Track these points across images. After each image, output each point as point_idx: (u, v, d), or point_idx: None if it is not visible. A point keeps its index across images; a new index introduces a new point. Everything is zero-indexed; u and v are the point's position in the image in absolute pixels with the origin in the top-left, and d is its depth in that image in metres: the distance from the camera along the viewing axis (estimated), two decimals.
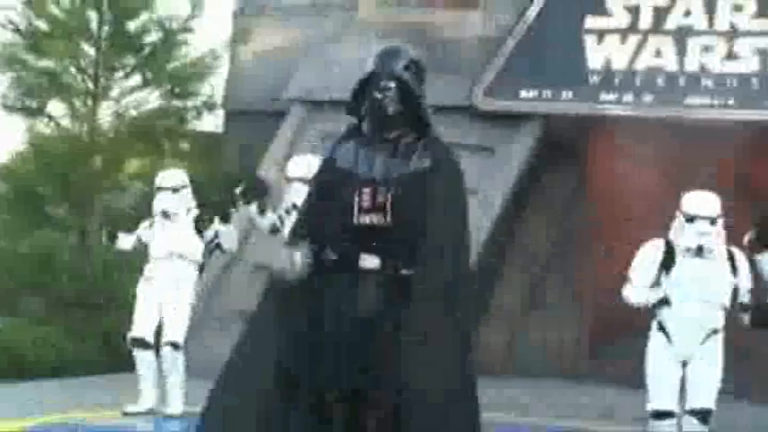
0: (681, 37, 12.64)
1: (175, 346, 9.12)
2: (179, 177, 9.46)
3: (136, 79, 15.66)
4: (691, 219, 6.96)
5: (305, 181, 8.26)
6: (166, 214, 9.24)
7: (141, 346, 9.18)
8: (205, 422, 4.27)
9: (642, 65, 12.71)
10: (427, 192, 4.16)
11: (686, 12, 12.67)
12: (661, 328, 7.06)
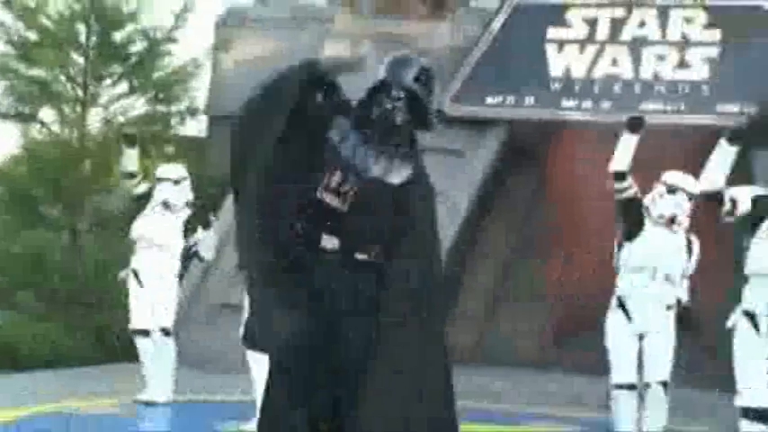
0: (636, 47, 12.71)
1: (166, 332, 9.19)
2: (180, 170, 9.56)
3: (123, 87, 15.57)
4: (672, 190, 7.10)
5: None
6: (167, 204, 9.33)
7: (142, 335, 9.28)
8: None
9: (600, 73, 12.77)
10: (410, 202, 4.14)
11: (641, 23, 12.78)
12: (620, 304, 7.16)
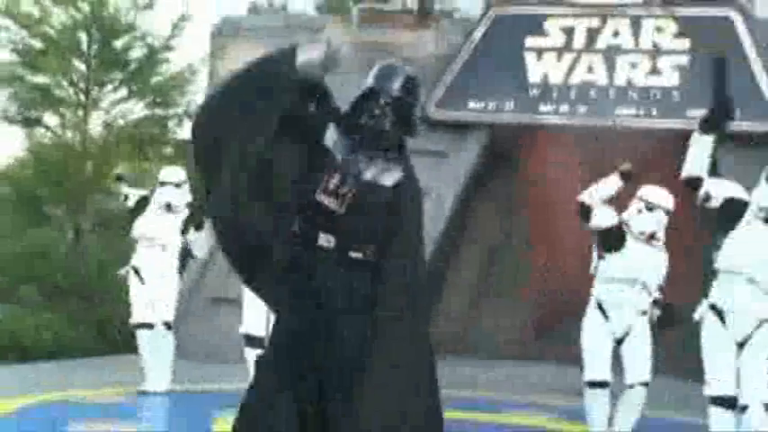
0: (610, 55, 12.72)
1: (167, 326, 9.23)
2: (181, 174, 9.53)
3: (122, 92, 15.59)
4: (651, 208, 7.05)
5: None
6: (169, 206, 9.32)
7: (144, 327, 9.26)
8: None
9: (576, 79, 12.78)
10: (401, 203, 4.12)
11: (615, 32, 12.78)
12: (599, 306, 7.14)
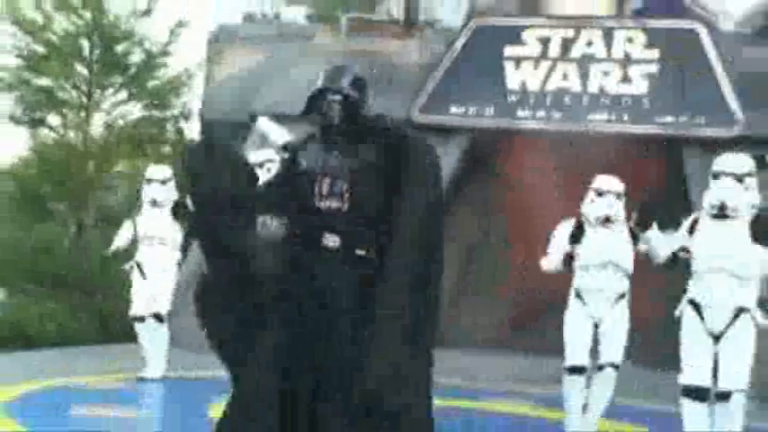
0: (584, 63, 12.73)
1: (159, 318, 9.25)
2: (166, 171, 9.53)
3: (122, 95, 15.64)
4: (600, 194, 7.20)
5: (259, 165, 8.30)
6: (155, 203, 9.33)
7: (139, 321, 9.33)
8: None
9: (552, 86, 12.78)
10: (402, 180, 4.10)
11: (588, 42, 12.80)
12: (578, 295, 7.20)
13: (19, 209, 14.76)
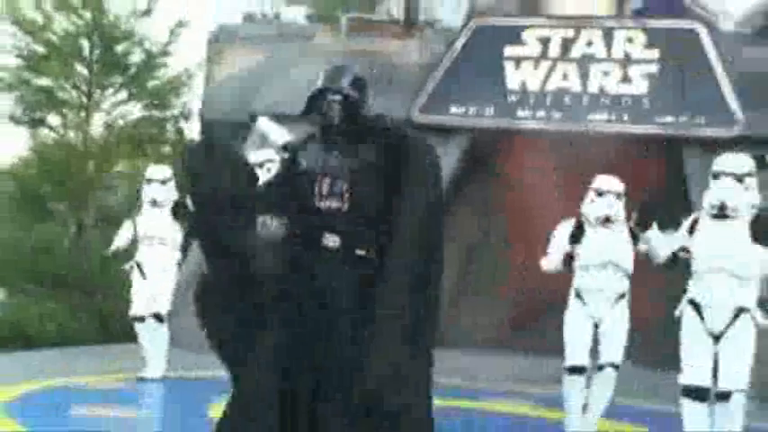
0: (584, 63, 12.72)
1: (159, 318, 9.21)
2: (166, 171, 9.49)
3: (122, 95, 15.61)
4: (600, 194, 7.15)
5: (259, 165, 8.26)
6: (155, 203, 9.28)
7: (139, 321, 9.27)
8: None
9: (552, 86, 12.77)
10: (402, 180, 4.06)
11: (588, 42, 12.78)
12: (578, 295, 7.16)
13: (19, 209, 14.74)
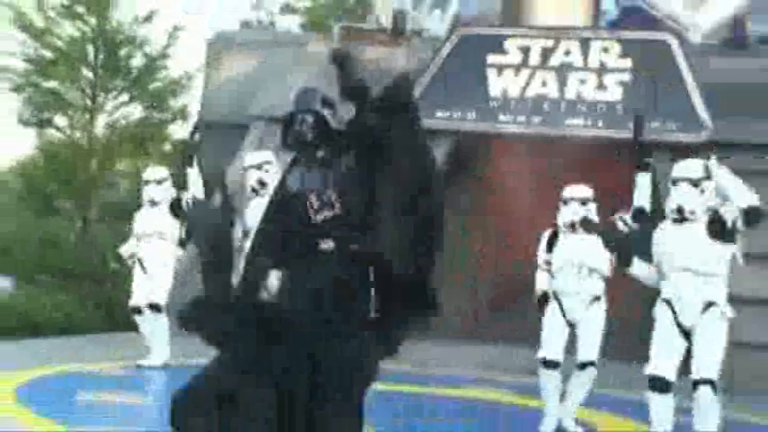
0: (562, 72, 12.81)
1: (157, 308, 9.26)
2: (162, 172, 9.62)
3: (124, 97, 15.74)
4: (566, 201, 7.19)
5: (257, 167, 8.42)
6: (153, 202, 9.43)
7: (137, 313, 9.44)
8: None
9: (532, 93, 12.85)
10: (379, 190, 4.13)
11: (566, 52, 12.88)
12: (555, 297, 7.20)
13: (27, 206, 14.80)
